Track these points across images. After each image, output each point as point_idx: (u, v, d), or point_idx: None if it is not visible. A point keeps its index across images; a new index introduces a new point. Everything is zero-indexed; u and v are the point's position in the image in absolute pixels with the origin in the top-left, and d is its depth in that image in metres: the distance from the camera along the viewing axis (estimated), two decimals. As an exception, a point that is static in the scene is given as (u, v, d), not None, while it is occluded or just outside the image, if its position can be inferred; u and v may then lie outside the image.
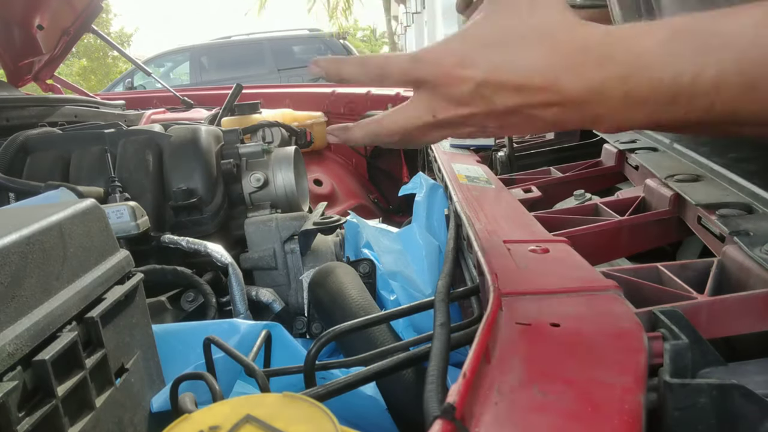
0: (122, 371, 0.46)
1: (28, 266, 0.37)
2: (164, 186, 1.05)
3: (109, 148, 1.05)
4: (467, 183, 0.80)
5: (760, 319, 0.41)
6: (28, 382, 0.34)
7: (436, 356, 0.33)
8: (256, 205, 1.13)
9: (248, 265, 1.03)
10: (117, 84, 6.71)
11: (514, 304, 0.38)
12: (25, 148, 1.07)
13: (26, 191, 0.95)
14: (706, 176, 0.67)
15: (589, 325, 0.35)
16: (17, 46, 1.76)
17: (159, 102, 2.27)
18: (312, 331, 0.95)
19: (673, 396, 0.30)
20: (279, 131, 1.51)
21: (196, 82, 6.50)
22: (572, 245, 0.50)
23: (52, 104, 1.51)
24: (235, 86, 1.70)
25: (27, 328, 0.35)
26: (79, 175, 1.03)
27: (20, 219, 0.39)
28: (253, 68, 6.46)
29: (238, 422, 0.28)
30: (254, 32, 7.29)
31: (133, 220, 0.86)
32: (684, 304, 0.41)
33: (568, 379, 0.29)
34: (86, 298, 0.42)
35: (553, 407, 0.27)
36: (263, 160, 1.16)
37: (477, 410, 0.27)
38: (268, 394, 0.33)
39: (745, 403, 0.29)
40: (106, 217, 0.49)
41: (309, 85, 2.83)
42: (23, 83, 1.91)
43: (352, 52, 6.89)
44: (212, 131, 1.14)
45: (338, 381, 0.41)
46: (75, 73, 12.48)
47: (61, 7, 1.76)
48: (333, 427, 0.27)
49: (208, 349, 0.49)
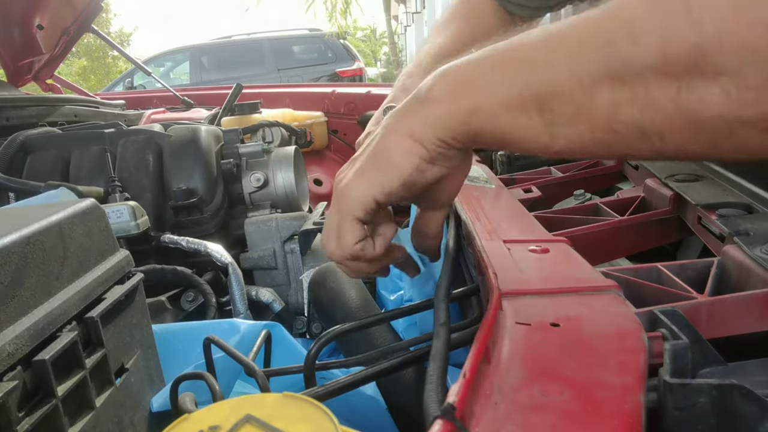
0: (122, 371, 0.46)
1: (28, 266, 0.37)
2: (164, 186, 1.05)
3: (109, 147, 1.05)
4: (467, 183, 0.80)
5: (760, 319, 0.41)
6: (28, 382, 0.34)
7: (436, 356, 0.33)
8: (256, 205, 1.13)
9: (248, 265, 1.03)
10: (117, 84, 6.71)
11: (514, 304, 0.38)
12: (25, 147, 1.07)
13: (26, 191, 0.95)
14: (706, 176, 0.67)
15: (589, 325, 0.35)
16: (17, 46, 1.76)
17: (159, 102, 2.27)
18: (312, 331, 0.95)
19: (673, 396, 0.30)
20: (279, 131, 1.51)
21: (196, 81, 6.50)
22: (572, 245, 0.50)
23: (51, 104, 1.51)
24: (235, 86, 1.70)
25: (27, 328, 0.35)
26: (79, 174, 1.03)
27: (20, 219, 0.39)
28: (253, 68, 6.46)
29: (238, 422, 0.28)
30: (254, 32, 7.29)
31: (133, 219, 0.86)
32: (684, 304, 0.41)
33: (568, 379, 0.29)
34: (86, 297, 0.42)
35: (553, 407, 0.27)
36: (263, 159, 1.16)
37: (477, 410, 0.27)
38: (268, 394, 0.33)
39: (745, 403, 0.29)
40: (106, 217, 0.49)
41: (309, 85, 2.84)
42: (23, 83, 1.91)
43: (353, 52, 6.89)
44: (212, 131, 1.14)
45: (338, 381, 0.41)
46: (75, 72, 12.48)
47: (61, 7, 1.76)
48: (333, 427, 0.27)
49: (208, 349, 0.49)
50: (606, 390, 0.28)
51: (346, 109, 2.03)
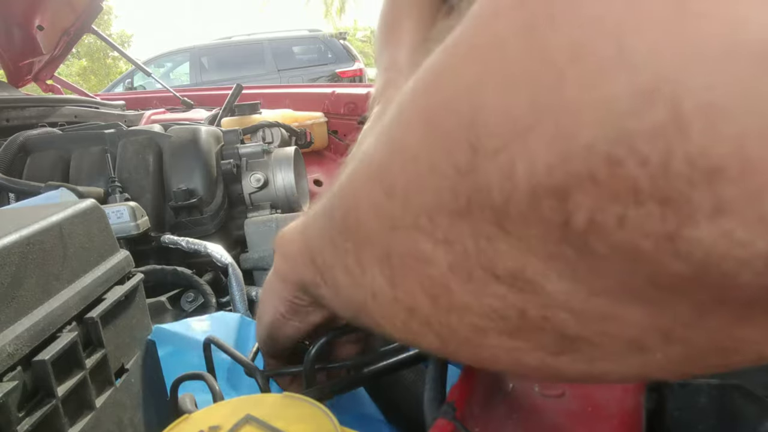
0: (122, 371, 0.46)
1: (28, 266, 0.37)
2: (164, 186, 1.05)
3: (109, 148, 1.05)
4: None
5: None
6: (28, 382, 0.34)
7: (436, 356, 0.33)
8: (256, 206, 1.13)
9: (248, 266, 1.03)
10: (117, 84, 6.71)
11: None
12: (25, 148, 1.08)
13: (26, 191, 0.95)
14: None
15: (589, 325, 0.35)
16: (17, 47, 1.76)
17: (159, 102, 2.27)
18: (312, 332, 0.95)
19: (673, 396, 0.30)
20: (279, 131, 1.51)
21: (196, 82, 6.50)
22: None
23: (52, 104, 1.51)
24: (235, 86, 1.70)
25: (27, 329, 0.35)
26: (79, 175, 1.03)
27: (20, 219, 0.39)
28: (253, 68, 6.46)
29: (238, 422, 0.28)
30: (254, 33, 7.29)
31: (133, 220, 0.86)
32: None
33: (568, 379, 0.29)
34: (86, 298, 0.42)
35: (553, 407, 0.27)
36: (263, 160, 1.16)
37: (477, 410, 0.27)
38: (268, 394, 0.33)
39: (745, 403, 0.29)
40: (106, 218, 0.49)
41: (309, 85, 2.84)
42: (23, 84, 1.91)
43: (353, 53, 6.89)
44: (212, 132, 1.14)
45: (338, 381, 0.41)
46: (75, 73, 12.48)
47: (61, 8, 1.76)
48: (333, 427, 0.27)
49: (208, 349, 0.49)
50: (606, 390, 0.28)
51: (346, 109, 2.03)
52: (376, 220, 0.21)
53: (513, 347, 0.19)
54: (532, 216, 0.15)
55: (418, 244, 0.19)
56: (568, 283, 0.16)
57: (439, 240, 0.18)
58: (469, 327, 0.19)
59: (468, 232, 0.17)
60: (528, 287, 0.17)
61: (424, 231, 0.18)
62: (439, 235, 0.18)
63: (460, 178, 0.16)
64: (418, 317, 0.21)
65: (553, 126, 0.14)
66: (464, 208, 0.17)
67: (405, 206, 0.19)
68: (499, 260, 0.17)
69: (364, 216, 0.22)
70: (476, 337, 0.19)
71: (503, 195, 0.15)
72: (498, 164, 0.15)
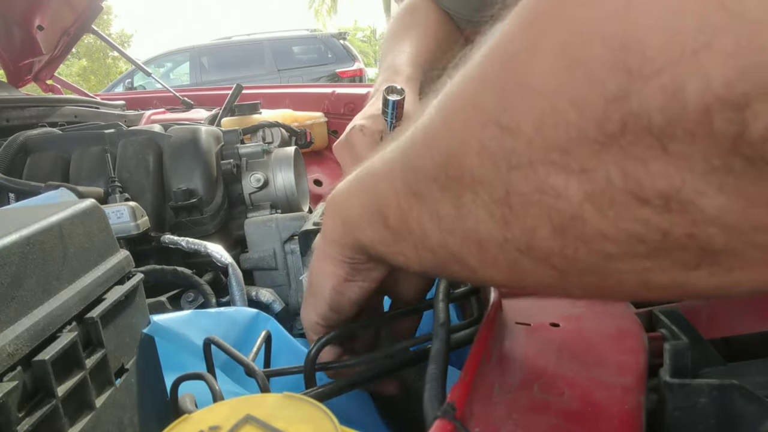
0: (122, 371, 0.46)
1: (28, 266, 0.37)
2: (164, 186, 1.05)
3: (109, 148, 1.05)
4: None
5: (760, 319, 0.41)
6: (28, 382, 0.34)
7: (436, 356, 0.33)
8: (256, 206, 1.13)
9: (248, 266, 1.03)
10: (117, 84, 6.71)
11: (514, 304, 0.38)
12: (25, 148, 1.07)
13: (26, 191, 0.95)
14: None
15: (589, 325, 0.35)
16: (17, 47, 1.76)
17: (159, 102, 2.27)
18: (312, 332, 0.95)
19: (673, 396, 0.30)
20: (279, 131, 1.51)
21: (196, 82, 6.51)
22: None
23: (52, 104, 1.51)
24: (235, 86, 1.70)
25: (27, 329, 0.35)
26: (79, 175, 1.03)
27: (20, 219, 0.39)
28: (253, 68, 6.46)
29: (238, 422, 0.28)
30: (254, 33, 7.29)
31: (133, 220, 0.86)
32: (684, 304, 0.41)
33: (568, 379, 0.29)
34: (86, 298, 0.42)
35: (553, 407, 0.27)
36: (263, 160, 1.16)
37: (477, 410, 0.27)
38: (268, 394, 0.33)
39: (745, 403, 0.29)
40: (106, 218, 0.49)
41: (309, 85, 2.84)
42: (23, 84, 1.91)
43: (352, 53, 6.89)
44: (212, 132, 1.14)
45: (338, 381, 0.41)
46: (75, 73, 12.48)
47: (61, 8, 1.76)
48: (333, 427, 0.27)
49: (208, 349, 0.49)
50: (606, 390, 0.28)
51: (346, 109, 2.03)
52: (490, 162, 0.20)
53: (644, 269, 0.18)
54: (700, 132, 0.15)
55: (547, 178, 0.19)
56: (726, 197, 0.16)
57: (573, 171, 0.18)
58: (599, 255, 0.19)
59: (612, 160, 0.17)
60: (677, 207, 0.16)
61: (556, 165, 0.18)
62: (575, 167, 0.18)
63: (608, 106, 0.16)
64: (534, 254, 0.21)
65: (733, 42, 0.13)
66: (612, 135, 0.16)
67: (531, 144, 0.19)
68: (650, 182, 0.16)
69: (472, 160, 0.21)
70: (604, 265, 0.19)
71: (666, 115, 0.15)
72: (660, 85, 0.15)
